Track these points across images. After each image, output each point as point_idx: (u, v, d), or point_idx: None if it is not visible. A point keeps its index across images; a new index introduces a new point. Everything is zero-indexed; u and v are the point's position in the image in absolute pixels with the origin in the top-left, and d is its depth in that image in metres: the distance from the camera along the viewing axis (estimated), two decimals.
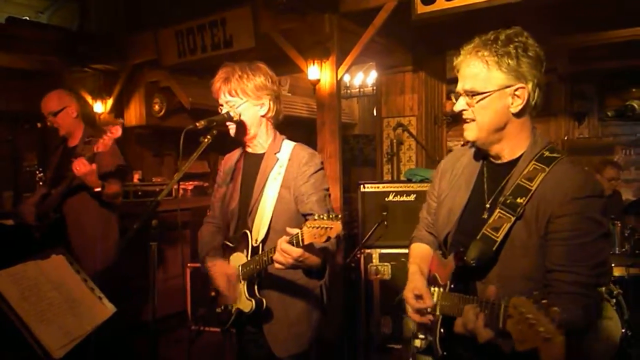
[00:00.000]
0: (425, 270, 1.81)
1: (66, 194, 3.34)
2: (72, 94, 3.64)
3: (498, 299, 1.30)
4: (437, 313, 1.63)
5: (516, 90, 1.51)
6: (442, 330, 1.61)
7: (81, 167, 3.09)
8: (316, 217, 1.64)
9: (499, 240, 1.50)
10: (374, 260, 4.12)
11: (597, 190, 1.46)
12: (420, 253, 1.92)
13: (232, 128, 2.09)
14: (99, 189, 3.23)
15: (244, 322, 2.14)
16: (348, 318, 4.20)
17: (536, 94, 1.54)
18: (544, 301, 1.14)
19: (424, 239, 1.96)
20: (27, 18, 7.39)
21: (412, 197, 4.11)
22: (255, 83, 2.05)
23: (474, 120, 1.58)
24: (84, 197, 3.34)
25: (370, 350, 4.11)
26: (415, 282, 1.75)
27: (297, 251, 1.70)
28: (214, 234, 2.35)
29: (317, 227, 1.63)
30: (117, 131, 3.07)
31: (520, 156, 1.58)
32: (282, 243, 1.73)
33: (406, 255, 3.91)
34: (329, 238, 1.62)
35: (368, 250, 4.12)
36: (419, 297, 1.69)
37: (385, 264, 4.10)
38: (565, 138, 7.55)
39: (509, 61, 1.49)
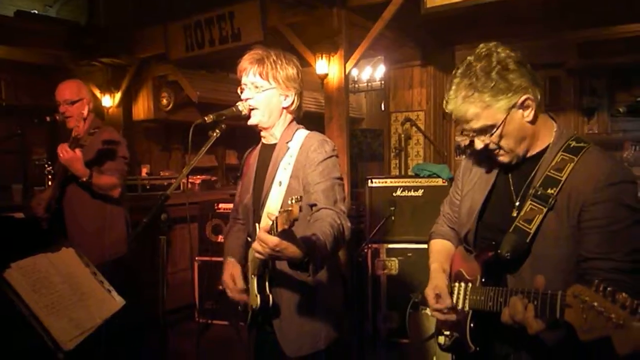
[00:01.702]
0: (447, 267, 1.81)
1: (64, 184, 3.29)
2: (88, 86, 3.57)
3: (547, 289, 1.29)
4: (466, 308, 1.63)
5: (523, 102, 1.50)
6: (472, 325, 1.60)
7: (63, 153, 3.02)
8: (289, 202, 1.51)
9: (532, 232, 1.51)
10: (381, 255, 4.12)
11: (629, 176, 1.46)
12: (441, 249, 1.90)
13: (253, 114, 2.02)
14: (85, 179, 3.12)
15: (260, 321, 2.07)
16: (355, 313, 4.20)
17: (537, 91, 1.52)
18: (609, 289, 1.10)
19: (445, 234, 1.94)
20: (36, 11, 7.42)
21: (419, 192, 4.11)
22: (287, 73, 2.01)
23: (501, 148, 1.57)
24: (79, 188, 3.27)
25: (377, 345, 4.12)
26: (436, 281, 1.74)
27: (272, 240, 1.55)
28: (237, 236, 2.30)
29: (284, 212, 1.50)
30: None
31: (545, 148, 1.59)
32: (261, 231, 1.60)
33: (413, 250, 3.99)
34: (292, 223, 1.50)
35: (375, 245, 4.12)
36: (438, 296, 1.68)
37: (393, 259, 4.10)
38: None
39: (500, 86, 1.48)
